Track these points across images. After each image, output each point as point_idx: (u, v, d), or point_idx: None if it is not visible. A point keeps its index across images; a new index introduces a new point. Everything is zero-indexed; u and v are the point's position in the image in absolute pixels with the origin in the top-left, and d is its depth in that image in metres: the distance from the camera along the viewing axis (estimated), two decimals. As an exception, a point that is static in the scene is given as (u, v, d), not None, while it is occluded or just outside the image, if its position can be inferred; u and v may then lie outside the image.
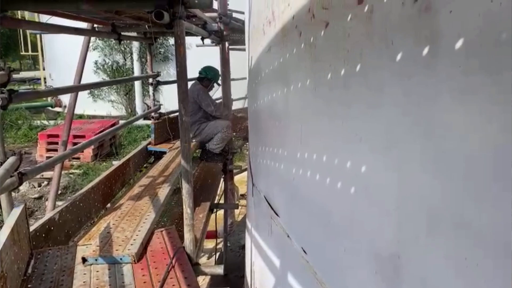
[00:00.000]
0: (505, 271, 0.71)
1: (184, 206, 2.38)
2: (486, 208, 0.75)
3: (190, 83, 4.55)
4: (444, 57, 0.83)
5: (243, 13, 4.82)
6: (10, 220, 1.96)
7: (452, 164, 0.83)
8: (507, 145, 0.70)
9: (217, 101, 5.32)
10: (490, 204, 0.74)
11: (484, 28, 0.73)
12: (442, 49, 0.83)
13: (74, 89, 3.88)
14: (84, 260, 2.20)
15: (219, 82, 5.35)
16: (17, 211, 2.06)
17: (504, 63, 0.70)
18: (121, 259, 2.22)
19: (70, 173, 7.85)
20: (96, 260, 2.20)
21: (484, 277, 0.75)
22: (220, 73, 5.36)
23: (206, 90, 5.04)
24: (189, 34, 3.76)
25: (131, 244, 2.32)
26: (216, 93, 5.38)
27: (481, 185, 0.76)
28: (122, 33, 3.92)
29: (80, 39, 4.28)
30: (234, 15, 5.54)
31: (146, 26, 3.78)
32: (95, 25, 3.77)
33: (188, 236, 2.40)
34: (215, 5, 4.93)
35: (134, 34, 4.46)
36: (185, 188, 2.34)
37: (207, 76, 5.10)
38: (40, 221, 2.57)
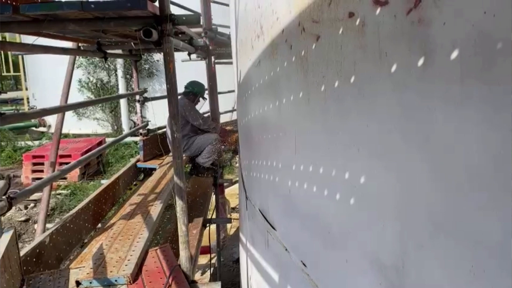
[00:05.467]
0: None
1: (178, 223, 2.35)
2: (488, 214, 0.76)
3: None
4: (439, 67, 0.84)
5: (228, 27, 4.86)
6: (1, 247, 1.91)
7: (450, 172, 0.84)
8: (506, 152, 0.71)
9: (205, 115, 5.32)
10: (492, 210, 0.75)
11: (479, 39, 0.74)
12: (437, 59, 0.84)
13: (62, 109, 3.83)
14: (78, 283, 2.15)
15: (205, 96, 5.35)
16: (7, 237, 2.01)
17: (500, 72, 0.72)
18: (116, 280, 2.17)
19: (58, 194, 7.71)
20: (90, 283, 2.15)
21: (490, 285, 0.76)
22: (206, 87, 5.37)
23: (192, 105, 5.05)
24: (176, 50, 3.77)
25: (126, 265, 2.28)
26: (203, 107, 5.39)
27: (482, 192, 0.77)
28: (108, 51, 3.90)
29: (62, 58, 4.24)
30: (219, 29, 5.58)
31: (132, 43, 3.78)
32: (80, 44, 3.75)
33: (183, 254, 2.37)
34: (200, 21, 4.96)
35: (119, 51, 4.45)
36: (179, 205, 2.32)
37: (193, 91, 5.10)
38: (31, 245, 2.51)
